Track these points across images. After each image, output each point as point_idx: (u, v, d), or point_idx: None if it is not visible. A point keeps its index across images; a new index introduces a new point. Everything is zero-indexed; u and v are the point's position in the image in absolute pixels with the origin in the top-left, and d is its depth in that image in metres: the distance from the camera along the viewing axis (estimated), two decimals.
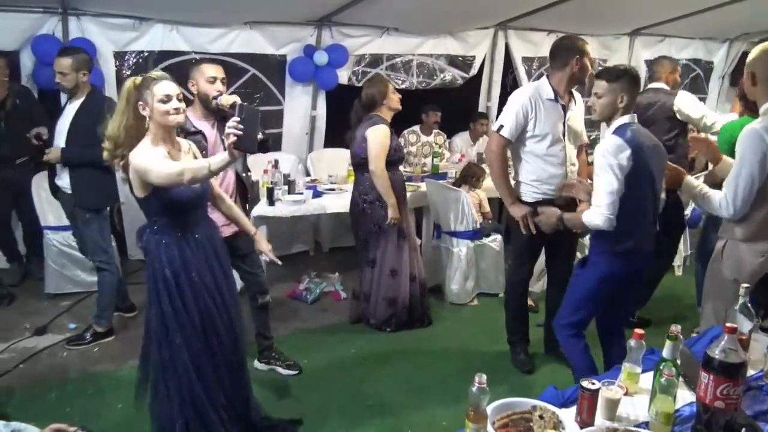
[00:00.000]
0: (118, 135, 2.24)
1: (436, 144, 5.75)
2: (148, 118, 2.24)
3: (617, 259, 2.61)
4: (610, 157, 2.46)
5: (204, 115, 3.04)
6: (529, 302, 3.79)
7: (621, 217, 2.49)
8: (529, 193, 3.22)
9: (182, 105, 2.26)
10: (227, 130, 2.06)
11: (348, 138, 3.84)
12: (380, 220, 3.76)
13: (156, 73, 2.29)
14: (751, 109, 3.38)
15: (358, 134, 3.71)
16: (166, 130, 2.29)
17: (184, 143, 2.45)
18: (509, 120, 3.12)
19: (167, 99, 2.22)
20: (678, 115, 3.73)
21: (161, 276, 2.32)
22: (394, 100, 3.73)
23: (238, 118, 2.05)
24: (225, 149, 2.11)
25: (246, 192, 3.34)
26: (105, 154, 2.28)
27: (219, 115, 3.01)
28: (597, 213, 2.50)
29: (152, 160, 2.19)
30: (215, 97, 2.96)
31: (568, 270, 3.13)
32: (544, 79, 3.20)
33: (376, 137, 3.63)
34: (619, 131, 2.53)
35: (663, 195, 2.82)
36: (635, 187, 2.49)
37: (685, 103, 3.73)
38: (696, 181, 2.61)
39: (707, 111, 3.81)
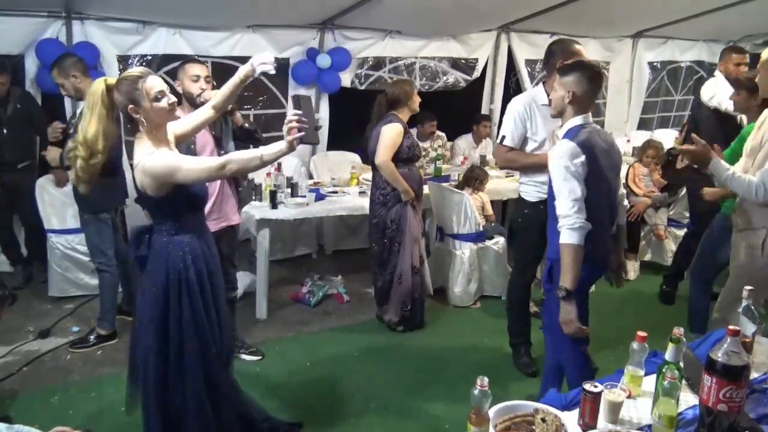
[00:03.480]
0: (95, 142, 2.06)
1: (437, 146, 5.75)
2: (142, 121, 2.07)
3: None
4: (566, 161, 2.30)
5: None
6: (533, 308, 3.78)
7: None
8: (532, 193, 3.25)
9: (175, 98, 2.14)
10: (288, 125, 1.94)
11: (366, 137, 3.92)
12: (397, 217, 3.83)
13: (136, 70, 2.12)
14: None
15: (375, 133, 3.81)
16: (162, 130, 2.15)
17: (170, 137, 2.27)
18: (509, 129, 3.24)
19: (161, 95, 2.07)
20: None
21: (184, 279, 2.17)
22: (416, 102, 3.88)
23: (300, 111, 1.93)
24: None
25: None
26: (79, 162, 2.06)
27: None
28: (569, 225, 2.27)
29: (179, 159, 2.07)
30: (198, 95, 2.98)
31: None
32: (540, 85, 3.28)
33: (389, 133, 3.74)
34: (571, 133, 2.38)
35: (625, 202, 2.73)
36: (591, 193, 2.34)
37: None
38: (726, 164, 2.52)
39: None
